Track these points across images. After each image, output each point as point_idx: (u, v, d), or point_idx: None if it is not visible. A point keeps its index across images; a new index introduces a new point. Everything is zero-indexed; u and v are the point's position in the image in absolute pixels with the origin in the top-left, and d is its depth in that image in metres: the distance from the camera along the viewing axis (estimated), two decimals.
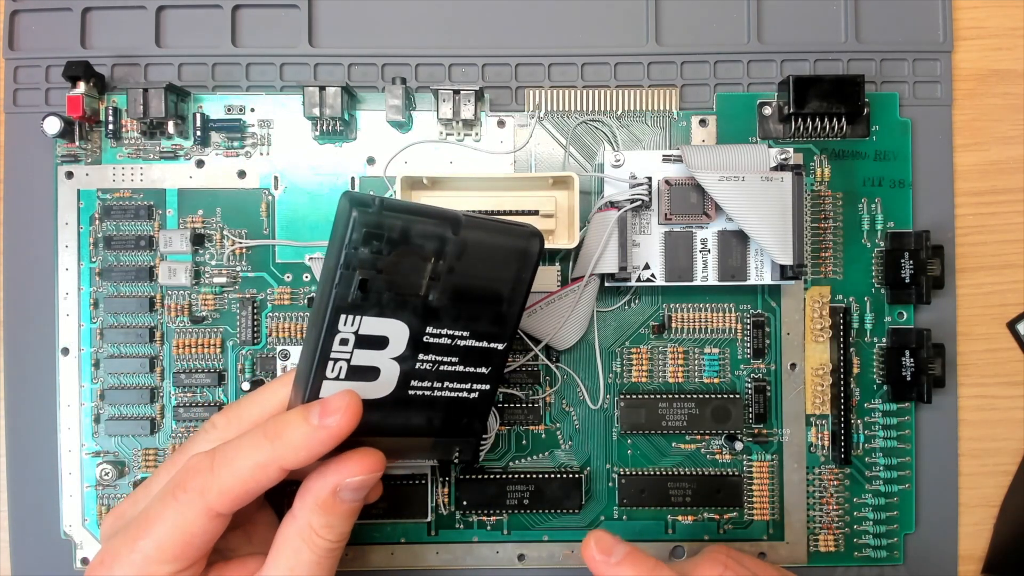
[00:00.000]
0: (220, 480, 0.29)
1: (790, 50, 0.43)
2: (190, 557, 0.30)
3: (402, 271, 0.29)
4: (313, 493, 0.30)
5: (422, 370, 0.31)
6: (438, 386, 0.32)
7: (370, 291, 0.29)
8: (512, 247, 0.31)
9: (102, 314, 0.42)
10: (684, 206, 0.39)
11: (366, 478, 0.30)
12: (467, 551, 0.42)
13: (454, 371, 0.32)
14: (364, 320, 0.29)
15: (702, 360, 0.42)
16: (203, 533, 0.30)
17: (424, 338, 0.30)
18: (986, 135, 0.43)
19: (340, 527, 0.31)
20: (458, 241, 0.29)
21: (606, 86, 0.42)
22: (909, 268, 0.41)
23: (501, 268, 0.31)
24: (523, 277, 0.31)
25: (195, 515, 0.29)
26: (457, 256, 0.30)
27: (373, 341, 0.30)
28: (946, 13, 0.43)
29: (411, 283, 0.29)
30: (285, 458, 0.29)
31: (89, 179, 0.42)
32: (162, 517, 0.30)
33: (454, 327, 0.31)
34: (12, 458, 0.42)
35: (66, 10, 0.43)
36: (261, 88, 0.43)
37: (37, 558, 0.42)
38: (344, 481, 0.30)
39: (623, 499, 0.41)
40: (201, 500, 0.29)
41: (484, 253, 0.30)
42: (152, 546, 0.30)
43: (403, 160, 0.42)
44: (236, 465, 0.29)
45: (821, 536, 0.42)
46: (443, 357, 0.31)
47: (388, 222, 0.28)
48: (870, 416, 0.42)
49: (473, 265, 0.30)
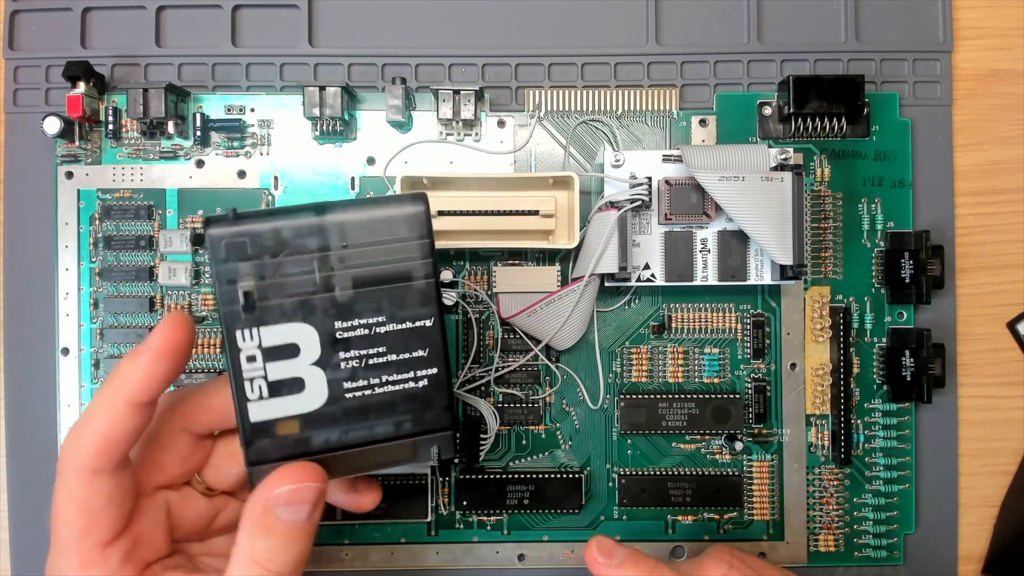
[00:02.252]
0: (82, 437, 0.29)
1: (790, 50, 0.43)
2: (102, 526, 0.29)
3: (289, 273, 0.29)
4: (248, 514, 0.29)
5: (349, 369, 0.30)
6: (376, 382, 0.30)
7: (260, 301, 0.28)
8: (395, 216, 0.29)
9: (102, 314, 0.42)
10: (684, 206, 0.39)
11: (298, 488, 0.28)
12: (467, 551, 0.42)
13: (386, 362, 0.30)
14: (263, 331, 0.29)
15: (702, 360, 0.42)
16: (94, 496, 0.29)
17: (339, 334, 0.29)
18: (986, 135, 0.43)
19: (283, 554, 0.29)
20: (335, 227, 0.29)
21: (606, 86, 0.42)
22: (909, 268, 0.41)
23: (395, 242, 0.29)
24: (422, 244, 0.30)
25: (75, 479, 0.29)
26: (342, 243, 0.29)
27: (282, 351, 0.29)
28: (946, 13, 0.43)
29: (303, 282, 0.29)
30: (126, 391, 0.29)
31: (89, 179, 0.42)
32: (56, 496, 0.30)
33: (367, 316, 0.29)
34: (12, 458, 0.42)
35: (66, 10, 0.43)
36: (261, 88, 0.43)
37: (37, 558, 0.42)
38: (273, 494, 0.28)
39: (623, 499, 0.41)
40: (72, 462, 0.29)
41: (370, 232, 0.29)
42: (63, 525, 0.29)
43: (403, 160, 0.42)
44: (91, 418, 0.29)
45: (821, 536, 0.42)
46: (367, 350, 0.30)
47: (250, 229, 0.28)
48: (870, 416, 0.42)
49: (364, 246, 0.29)
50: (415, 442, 0.31)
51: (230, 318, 0.28)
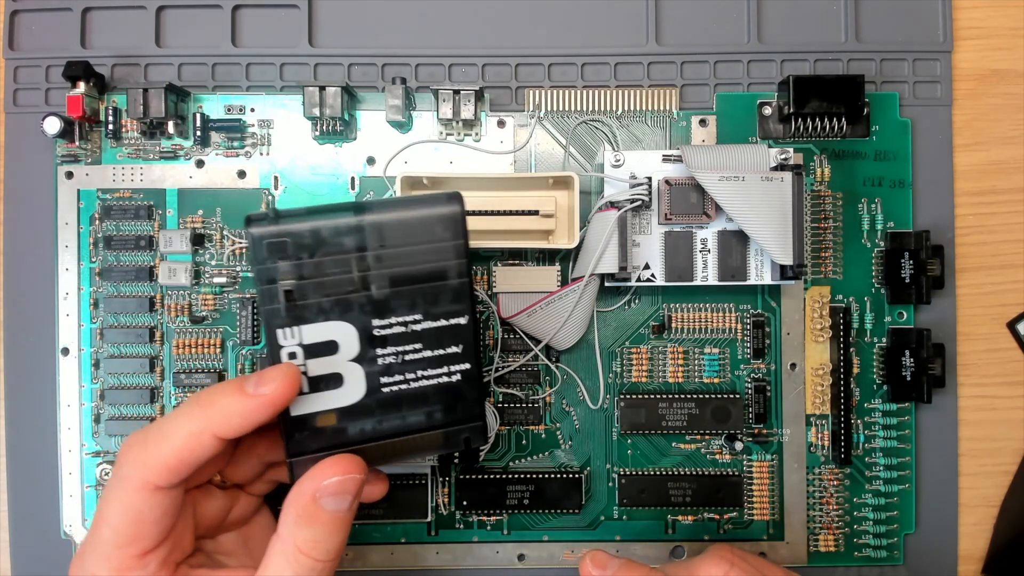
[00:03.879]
0: (154, 453, 0.29)
1: (790, 50, 0.43)
2: (148, 536, 0.29)
3: (328, 271, 0.29)
4: (292, 504, 0.29)
5: (387, 365, 0.31)
6: (412, 377, 0.31)
7: (300, 300, 0.29)
8: (432, 216, 0.30)
9: (102, 314, 0.42)
10: (684, 206, 0.39)
11: (344, 480, 0.29)
12: (467, 551, 0.42)
13: (422, 358, 0.31)
14: (304, 329, 0.29)
15: (702, 360, 0.42)
16: (151, 510, 0.29)
17: (376, 332, 0.30)
18: (986, 135, 0.43)
19: (326, 542, 0.29)
20: (372, 227, 0.29)
21: (606, 86, 0.42)
22: (909, 268, 0.41)
23: (431, 241, 0.30)
24: (458, 244, 0.30)
25: (135, 492, 0.29)
26: (380, 242, 0.29)
27: (322, 348, 0.30)
28: (946, 13, 0.43)
29: (342, 281, 0.29)
30: (218, 425, 0.28)
31: (89, 179, 0.42)
32: (108, 500, 0.29)
33: (404, 313, 0.30)
34: (12, 458, 0.42)
35: (66, 10, 0.43)
36: (261, 88, 0.43)
37: (37, 558, 0.42)
38: (321, 485, 0.29)
39: (623, 499, 0.41)
40: (138, 475, 0.29)
41: (406, 231, 0.30)
42: (108, 531, 0.29)
43: (403, 160, 0.42)
44: (170, 436, 0.29)
45: (821, 536, 0.42)
46: (404, 347, 0.31)
47: (290, 229, 0.29)
48: (870, 416, 0.42)
49: (400, 246, 0.30)
50: (446, 432, 0.32)
51: (271, 316, 0.29)
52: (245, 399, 0.29)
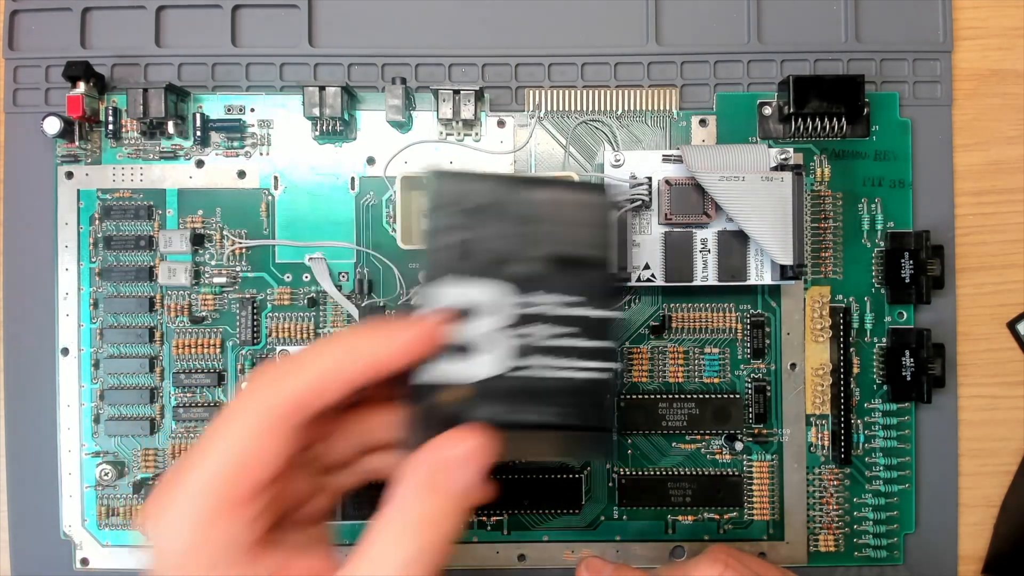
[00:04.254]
0: (286, 384, 0.26)
1: (790, 50, 0.43)
2: (255, 477, 0.26)
3: (498, 236, 0.28)
4: (413, 474, 0.26)
5: (534, 344, 0.28)
6: (556, 364, 0.29)
7: (465, 257, 0.28)
8: (606, 204, 0.30)
9: (102, 314, 0.42)
10: (684, 206, 0.39)
11: (477, 447, 0.26)
12: (467, 551, 0.42)
13: (571, 346, 0.29)
14: (461, 287, 0.28)
15: (702, 360, 0.42)
16: (268, 445, 0.26)
17: (530, 307, 0.28)
18: (986, 135, 0.43)
19: (444, 522, 0.26)
20: (549, 202, 0.29)
21: (606, 86, 0.42)
22: (909, 268, 0.41)
23: (598, 227, 0.29)
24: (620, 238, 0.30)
25: (257, 421, 0.26)
26: (553, 218, 0.29)
27: (472, 311, 0.28)
28: (946, 13, 0.43)
29: (509, 248, 0.28)
30: (355, 365, 0.26)
31: (89, 179, 0.42)
32: (221, 429, 0.26)
33: (563, 293, 0.29)
34: (12, 458, 0.42)
35: (66, 10, 0.43)
36: (261, 88, 0.43)
37: (37, 558, 0.42)
38: (448, 454, 0.26)
39: (623, 499, 0.41)
40: (265, 405, 0.26)
41: (579, 213, 0.29)
42: (213, 462, 0.25)
43: (403, 160, 0.42)
44: (305, 369, 0.26)
45: (821, 536, 0.42)
46: (555, 328, 0.29)
47: (472, 187, 0.28)
48: (870, 416, 0.42)
49: (563, 227, 0.29)
50: (570, 437, 0.29)
51: (434, 267, 0.28)
52: (387, 340, 0.27)
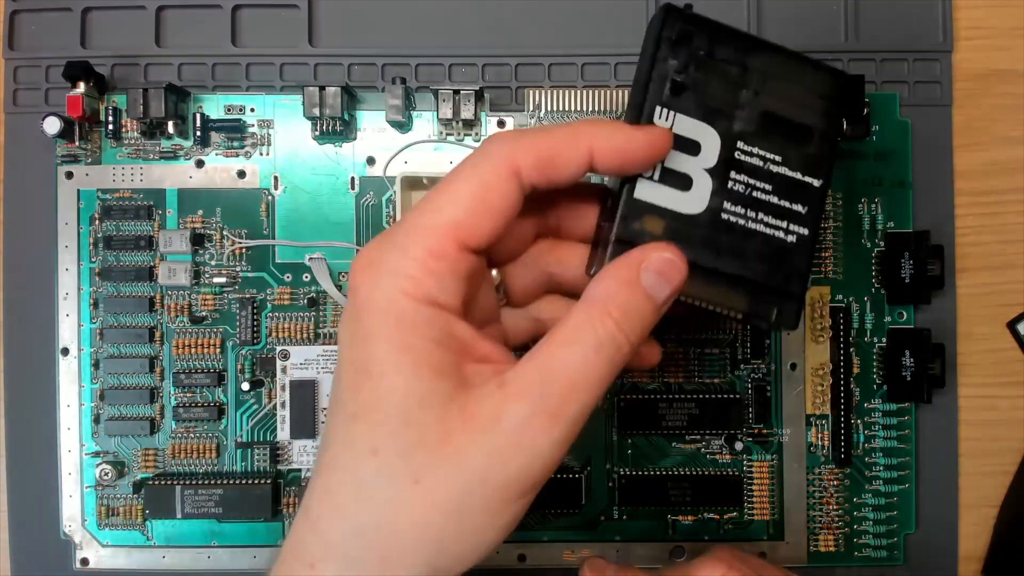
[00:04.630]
0: (528, 140, 0.26)
1: None
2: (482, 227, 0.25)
3: (711, 81, 0.29)
4: (613, 270, 0.27)
5: (735, 191, 0.29)
6: (752, 216, 0.29)
7: (679, 93, 0.29)
8: (823, 78, 0.30)
9: (102, 314, 0.42)
10: None
11: (673, 260, 0.27)
12: None
13: (769, 202, 0.30)
14: (678, 118, 0.29)
15: (702, 360, 0.42)
16: (501, 195, 0.26)
17: (736, 155, 0.29)
18: (986, 135, 0.43)
19: (636, 318, 0.26)
20: (772, 60, 0.29)
21: (606, 86, 0.42)
22: (909, 268, 0.41)
23: (811, 98, 0.30)
24: (834, 108, 0.30)
25: (496, 165, 0.26)
26: (771, 76, 0.30)
27: (686, 144, 0.29)
28: (946, 13, 0.43)
29: (719, 95, 0.29)
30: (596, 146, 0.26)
31: (89, 179, 0.42)
32: (456, 173, 0.26)
33: (767, 149, 0.30)
34: (12, 458, 0.42)
35: (66, 10, 0.43)
36: (261, 88, 0.43)
37: (37, 558, 0.42)
38: (651, 256, 0.26)
39: (623, 499, 0.41)
40: (505, 153, 0.26)
41: (793, 80, 0.30)
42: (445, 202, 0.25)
43: (403, 160, 0.42)
44: (549, 132, 0.26)
45: (821, 536, 0.42)
46: (756, 181, 0.30)
47: (705, 25, 0.29)
48: (870, 416, 0.42)
49: (781, 92, 0.30)
50: (755, 296, 0.30)
51: (654, 94, 0.29)
52: (631, 132, 0.27)
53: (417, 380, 0.24)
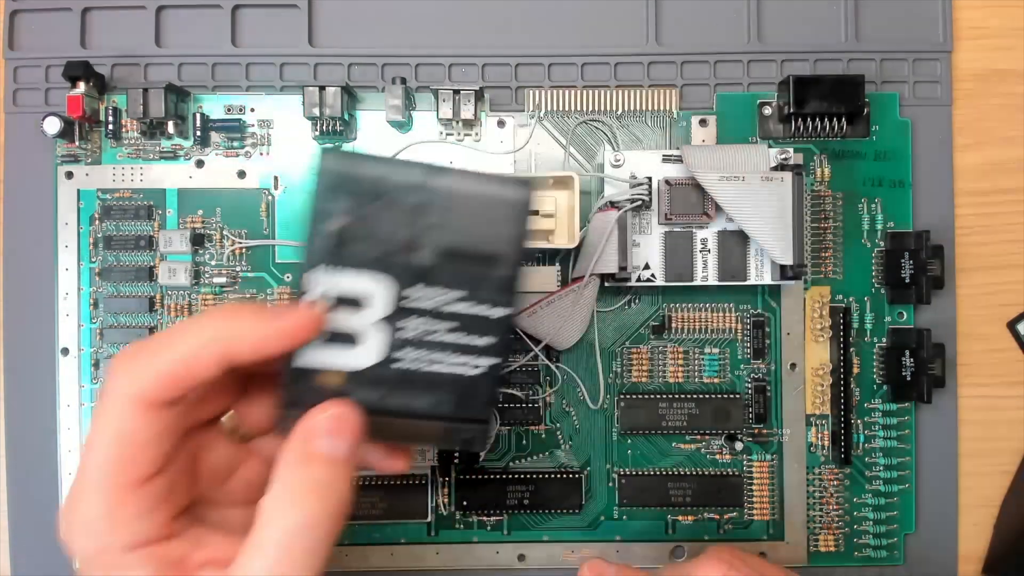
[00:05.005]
0: (147, 363, 0.26)
1: (790, 50, 0.43)
2: (140, 462, 0.26)
3: (381, 225, 0.28)
4: (286, 451, 0.27)
5: (411, 338, 0.29)
6: (432, 359, 0.29)
7: (346, 245, 0.28)
8: (501, 198, 0.28)
9: (102, 314, 0.42)
10: (684, 206, 0.39)
11: (338, 416, 0.27)
12: (467, 551, 0.42)
13: (449, 342, 0.29)
14: (340, 275, 0.28)
15: (702, 360, 0.42)
16: (141, 429, 0.26)
17: (410, 301, 0.28)
18: (986, 135, 0.43)
19: (326, 489, 0.27)
20: (441, 191, 0.28)
21: (606, 86, 0.42)
22: (909, 268, 0.41)
23: (492, 223, 0.28)
24: (519, 233, 0.29)
25: (123, 407, 0.26)
26: (443, 209, 0.28)
27: (351, 301, 0.28)
28: (946, 13, 0.43)
29: (392, 238, 0.28)
30: (226, 345, 0.26)
31: (89, 179, 0.42)
32: (95, 422, 0.26)
33: (445, 289, 0.28)
34: (12, 458, 0.42)
35: (66, 10, 0.43)
36: (261, 88, 0.43)
37: (37, 558, 0.42)
38: (314, 421, 0.27)
39: (623, 499, 0.41)
40: (127, 389, 0.26)
41: (471, 206, 0.28)
42: (97, 458, 0.26)
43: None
44: (169, 346, 0.26)
45: (821, 536, 0.42)
46: (435, 324, 0.29)
47: (360, 172, 0.28)
48: (870, 416, 0.42)
49: (462, 219, 0.28)
50: (448, 426, 0.30)
51: (312, 253, 0.28)
52: (262, 323, 0.27)
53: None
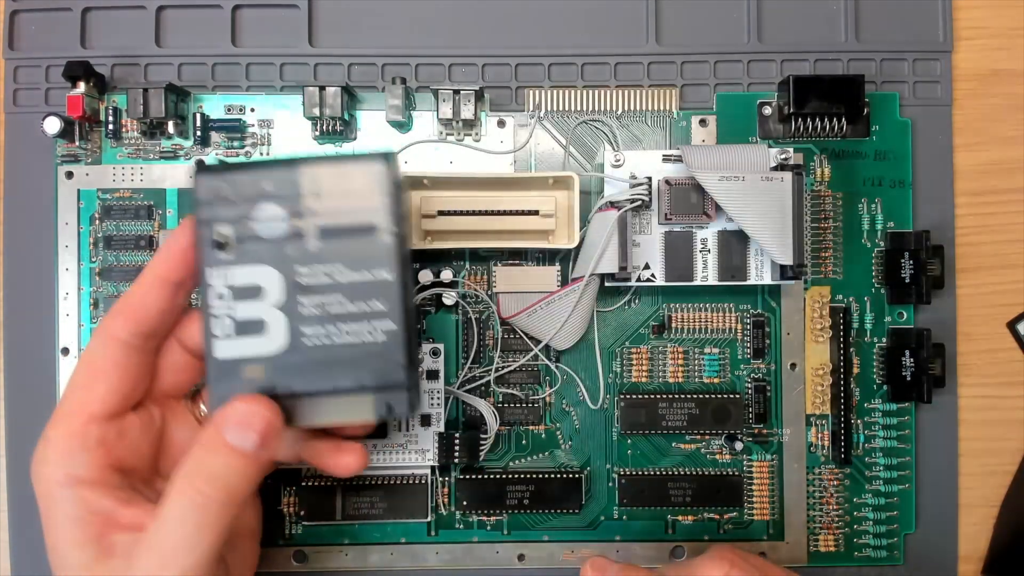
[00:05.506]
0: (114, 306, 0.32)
1: (790, 50, 0.43)
2: (98, 389, 0.31)
3: (260, 219, 0.30)
4: (202, 434, 0.30)
5: (309, 315, 0.31)
6: (334, 331, 0.31)
7: (233, 244, 0.30)
8: (364, 171, 0.31)
9: (102, 314, 0.42)
10: (684, 206, 0.39)
11: (247, 410, 0.29)
12: (467, 551, 0.42)
13: (345, 312, 0.31)
14: (231, 271, 0.30)
15: (702, 360, 0.42)
16: (104, 358, 0.31)
17: (300, 279, 0.31)
18: (986, 135, 0.43)
19: (222, 476, 0.29)
20: (309, 178, 0.31)
21: (606, 86, 0.42)
22: (909, 268, 0.41)
23: (360, 196, 0.31)
24: (386, 201, 0.31)
25: (93, 339, 0.31)
26: (314, 194, 0.31)
27: (248, 292, 0.31)
28: (946, 13, 0.43)
29: (274, 228, 0.31)
30: (156, 265, 0.32)
31: (89, 179, 0.42)
32: (74, 371, 0.32)
33: (328, 263, 0.31)
34: (12, 458, 0.42)
35: (66, 10, 0.43)
36: (261, 88, 0.43)
37: (37, 558, 0.42)
38: (223, 412, 0.29)
39: (623, 499, 0.41)
40: (101, 327, 0.31)
41: (338, 185, 0.31)
42: (67, 389, 0.31)
43: (403, 160, 0.42)
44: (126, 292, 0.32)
45: (821, 536, 0.42)
46: (325, 298, 0.31)
47: (231, 177, 0.30)
48: (870, 416, 0.42)
49: (333, 200, 0.31)
50: (374, 397, 0.32)
51: (204, 257, 0.30)
52: (168, 241, 0.32)
53: (64, 554, 0.30)
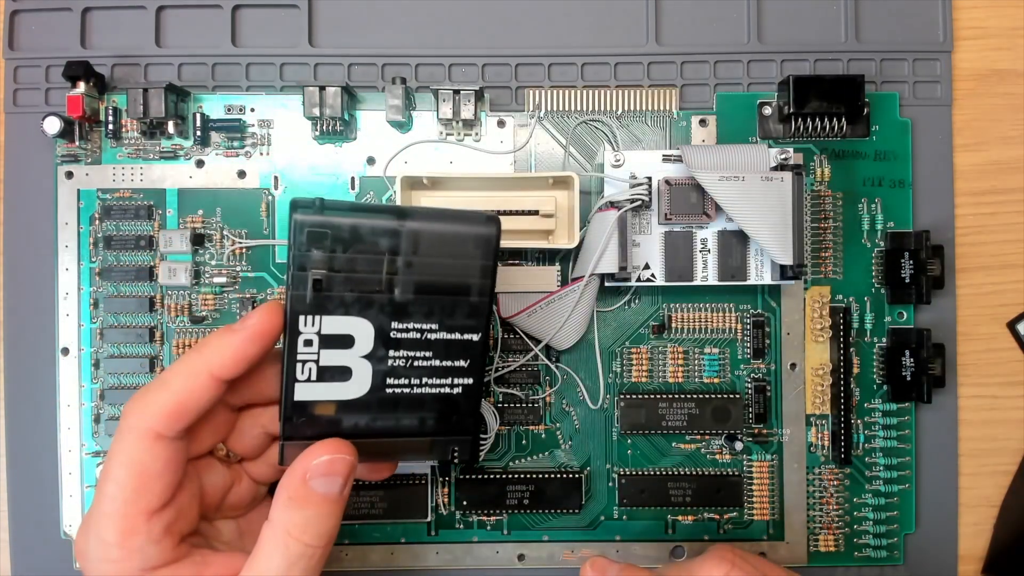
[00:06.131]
0: (154, 400, 0.29)
1: (790, 50, 0.43)
2: (154, 492, 0.29)
3: (358, 269, 0.30)
4: (283, 487, 0.30)
5: (395, 367, 0.31)
6: (416, 383, 0.32)
7: (326, 291, 0.30)
8: (468, 234, 0.31)
9: (102, 314, 0.42)
10: (684, 206, 0.39)
11: (334, 459, 0.30)
12: (467, 551, 0.42)
13: (430, 366, 0.32)
14: (324, 320, 0.30)
15: (702, 360, 0.42)
16: (154, 460, 0.29)
17: (392, 334, 0.31)
18: (986, 135, 0.43)
19: (317, 526, 0.30)
20: (410, 233, 0.30)
21: (606, 86, 0.42)
22: (909, 268, 0.41)
23: (461, 257, 0.31)
24: (486, 265, 0.31)
25: (138, 441, 0.29)
26: (413, 249, 0.30)
27: (338, 340, 0.31)
28: (946, 13, 0.43)
29: (369, 280, 0.30)
30: (213, 363, 0.30)
31: (89, 179, 0.42)
32: (111, 456, 0.30)
33: (422, 321, 0.31)
34: (12, 458, 0.42)
35: (66, 10, 0.43)
36: (261, 88, 0.43)
37: (37, 558, 0.42)
38: (311, 464, 0.30)
39: (623, 499, 0.41)
40: (140, 425, 0.29)
41: (441, 243, 0.31)
42: (113, 488, 0.29)
43: (403, 160, 0.42)
44: (169, 382, 0.30)
45: (821, 536, 0.42)
46: (415, 352, 0.32)
47: (333, 221, 0.30)
48: (870, 416, 0.42)
49: (432, 257, 0.31)
50: (435, 440, 0.33)
51: (296, 302, 0.30)
52: (232, 334, 0.30)
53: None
